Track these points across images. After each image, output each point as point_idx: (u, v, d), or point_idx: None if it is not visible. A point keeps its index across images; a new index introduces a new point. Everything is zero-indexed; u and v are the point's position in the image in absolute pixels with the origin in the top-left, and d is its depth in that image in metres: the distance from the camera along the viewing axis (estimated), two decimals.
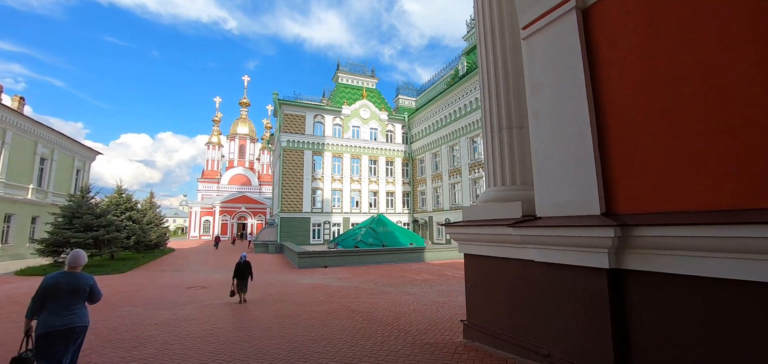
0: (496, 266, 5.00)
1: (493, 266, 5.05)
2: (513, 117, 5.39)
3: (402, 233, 28.71)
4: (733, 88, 2.84)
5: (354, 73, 42.82)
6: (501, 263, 4.91)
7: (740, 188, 2.77)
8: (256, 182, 74.52)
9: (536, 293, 4.38)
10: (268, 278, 16.41)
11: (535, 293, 4.40)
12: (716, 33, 2.98)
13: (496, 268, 5.02)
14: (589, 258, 3.71)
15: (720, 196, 2.89)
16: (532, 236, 4.22)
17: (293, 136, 35.55)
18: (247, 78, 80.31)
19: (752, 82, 2.73)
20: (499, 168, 5.36)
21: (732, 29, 2.88)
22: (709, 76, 3.00)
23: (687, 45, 3.16)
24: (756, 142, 2.69)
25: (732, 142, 2.84)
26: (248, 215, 63.94)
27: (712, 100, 2.98)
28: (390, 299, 10.78)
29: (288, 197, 34.83)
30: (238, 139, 76.40)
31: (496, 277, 5.02)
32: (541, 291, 4.30)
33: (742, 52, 2.80)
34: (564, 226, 3.83)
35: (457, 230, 5.68)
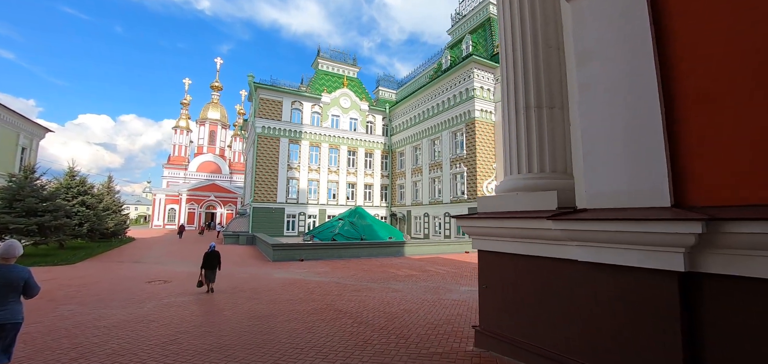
0: (522, 265, 4.27)
1: (518, 265, 4.32)
2: (543, 95, 4.66)
3: (381, 227, 27.96)
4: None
5: (335, 61, 41.33)
6: (528, 261, 4.18)
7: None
8: (227, 169, 71.22)
9: (576, 299, 3.67)
10: (240, 271, 15.13)
11: (574, 298, 3.70)
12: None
13: (521, 267, 4.29)
14: (656, 259, 3.03)
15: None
16: (578, 231, 3.50)
17: (269, 122, 33.76)
18: (219, 60, 76.26)
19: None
20: (525, 153, 4.62)
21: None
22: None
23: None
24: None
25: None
26: (218, 204, 60.97)
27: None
28: (376, 296, 9.95)
29: (262, 186, 33.11)
30: (208, 125, 72.56)
31: (521, 278, 4.29)
32: (583, 296, 3.60)
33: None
34: (624, 219, 3.12)
35: (472, 222, 4.91)
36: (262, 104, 33.79)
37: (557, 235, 3.71)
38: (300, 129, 35.47)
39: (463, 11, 38.41)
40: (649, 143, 3.19)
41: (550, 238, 3.83)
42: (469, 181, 28.02)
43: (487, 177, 27.74)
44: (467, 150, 28.52)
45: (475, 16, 36.42)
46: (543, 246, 3.96)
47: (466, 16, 37.49)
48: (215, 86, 74.53)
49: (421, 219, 34.09)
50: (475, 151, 27.61)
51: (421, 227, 34.10)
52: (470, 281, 13.00)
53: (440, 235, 30.93)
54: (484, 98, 28.60)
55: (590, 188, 3.59)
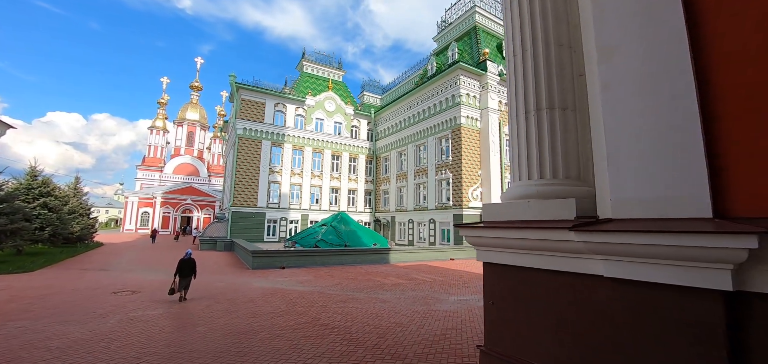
0: (536, 279, 3.87)
1: (531, 280, 3.93)
2: (555, 96, 4.32)
3: (365, 233, 27.37)
4: None
5: (320, 64, 40.69)
6: (544, 276, 3.79)
7: None
8: (205, 172, 68.97)
9: (600, 318, 3.30)
10: (217, 280, 14.24)
11: (598, 317, 3.32)
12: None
13: (535, 282, 3.89)
14: (698, 276, 2.68)
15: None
16: (605, 244, 3.13)
17: (251, 124, 32.70)
18: (199, 60, 74.02)
19: None
20: (536, 158, 4.26)
21: None
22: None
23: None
24: None
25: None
26: (194, 208, 58.76)
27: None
28: (363, 308, 9.42)
29: (242, 189, 31.95)
30: (186, 125, 70.19)
31: (535, 294, 3.89)
32: (608, 316, 3.23)
33: None
34: (662, 232, 2.76)
35: (478, 232, 4.50)
36: (244, 105, 32.74)
37: (579, 247, 3.34)
38: (283, 132, 34.55)
39: (449, 19, 38.66)
40: (685, 145, 2.86)
41: (571, 251, 3.46)
42: (455, 187, 27.89)
43: (473, 184, 27.70)
44: (453, 156, 28.43)
45: (460, 25, 36.68)
46: (562, 259, 3.58)
47: (452, 24, 37.73)
48: (195, 86, 72.30)
49: (406, 225, 33.73)
50: (461, 157, 27.54)
51: (405, 233, 33.73)
52: (459, 290, 12.65)
53: (425, 241, 30.63)
54: (470, 105, 28.64)
55: (615, 195, 3.24)
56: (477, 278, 16.04)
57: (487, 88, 28.76)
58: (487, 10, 35.62)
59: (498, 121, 28.94)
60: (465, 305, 9.98)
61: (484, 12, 35.36)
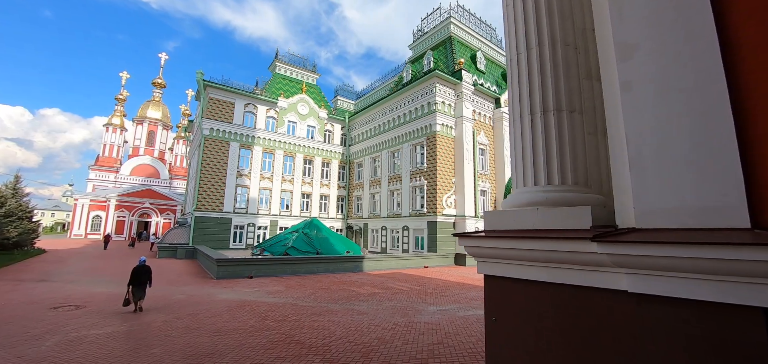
0: (548, 295, 3.53)
1: (541, 296, 3.58)
2: (563, 97, 4.07)
3: (337, 240, 26.64)
4: None
5: (294, 66, 39.59)
6: (557, 291, 3.46)
7: None
8: (167, 174, 65.02)
9: (622, 338, 2.99)
10: (176, 291, 13.03)
11: (619, 337, 3.01)
12: None
13: (546, 298, 3.55)
14: (736, 292, 2.42)
15: None
16: (631, 257, 2.82)
17: (218, 124, 31.04)
18: (164, 55, 69.87)
19: None
20: (543, 162, 3.97)
21: None
22: None
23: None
24: None
25: None
26: (153, 212, 55.06)
27: None
28: (341, 321, 8.82)
29: (206, 193, 30.14)
30: (147, 124, 65.97)
31: (545, 310, 3.55)
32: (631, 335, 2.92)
33: None
34: (698, 243, 2.48)
35: (479, 242, 4.12)
36: (212, 104, 31.07)
37: (601, 260, 3.02)
38: (253, 133, 33.12)
39: (425, 28, 39.02)
40: (718, 149, 2.62)
41: (590, 263, 3.14)
42: (429, 195, 27.84)
43: (447, 191, 27.78)
44: (428, 163, 28.42)
45: (436, 34, 37.10)
46: (578, 273, 3.25)
47: (428, 33, 38.10)
48: (158, 83, 68.31)
49: (379, 232, 33.26)
50: (436, 165, 27.57)
51: (378, 240, 33.23)
52: (437, 300, 12.34)
53: (398, 249, 30.29)
54: (446, 113, 28.83)
55: (640, 204, 2.96)
56: (453, 286, 15.85)
57: (461, 97, 29.11)
58: (462, 21, 36.27)
59: (472, 130, 29.32)
60: (446, 316, 9.64)
61: (459, 23, 36.00)
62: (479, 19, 38.95)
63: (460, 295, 13.52)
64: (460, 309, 10.80)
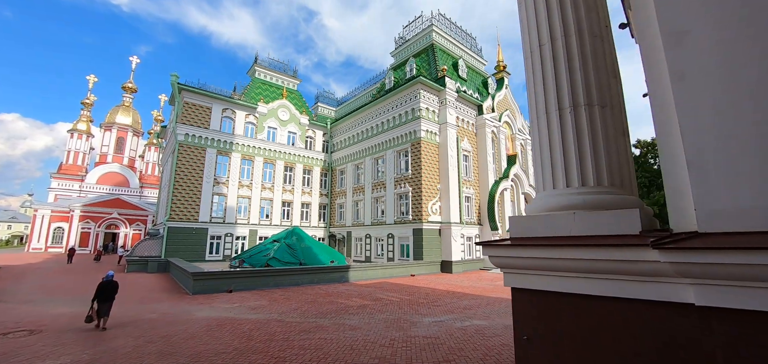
0: (592, 310, 3.12)
1: (585, 311, 3.17)
2: (594, 91, 3.73)
3: (321, 249, 25.78)
4: None
5: (274, 71, 38.58)
6: (605, 306, 3.04)
7: None
8: (137, 183, 61.82)
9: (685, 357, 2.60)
10: (148, 310, 11.94)
11: (682, 356, 2.62)
12: None
13: (589, 313, 3.13)
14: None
15: None
16: (699, 265, 2.45)
17: (194, 129, 29.61)
18: (135, 59, 66.76)
19: None
20: (576, 162, 3.60)
21: None
22: None
23: None
24: None
25: None
26: (122, 223, 52.02)
27: None
28: (333, 338, 8.17)
29: (181, 202, 28.57)
30: (116, 130, 62.62)
31: (588, 328, 3.13)
32: (699, 354, 2.54)
33: None
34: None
35: (506, 251, 3.68)
36: (187, 109, 29.64)
37: (662, 269, 2.64)
38: (231, 140, 31.84)
39: (407, 36, 39.03)
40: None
41: (647, 273, 2.75)
42: (414, 201, 27.51)
43: (432, 198, 27.55)
44: (412, 170, 28.13)
45: (418, 42, 37.15)
46: (632, 285, 2.86)
47: (409, 41, 38.12)
48: (128, 87, 65.18)
49: (363, 241, 32.58)
50: (421, 171, 27.31)
51: (362, 249, 32.53)
52: (430, 311, 11.87)
53: (383, 257, 29.72)
54: (430, 119, 28.72)
55: (702, 206, 2.60)
56: (443, 295, 15.44)
57: (445, 104, 29.11)
58: (443, 30, 36.51)
59: (455, 136, 29.33)
60: (443, 329, 9.17)
61: (441, 32, 36.21)
62: (460, 27, 39.39)
63: (452, 304, 13.11)
64: (455, 320, 10.36)
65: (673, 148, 2.95)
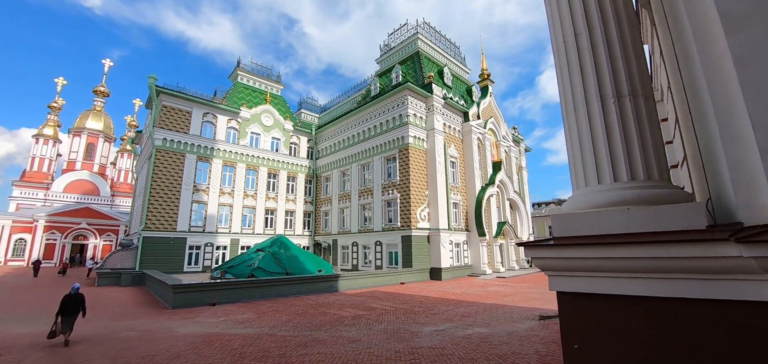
0: (661, 313, 2.80)
1: (650, 315, 2.84)
2: (637, 81, 3.49)
3: (308, 258, 24.96)
4: None
5: (257, 75, 37.62)
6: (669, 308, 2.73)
7: None
8: (108, 191, 58.77)
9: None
10: (124, 328, 10.97)
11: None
12: None
13: (659, 317, 2.81)
14: None
15: None
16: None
17: (173, 134, 28.29)
18: (108, 62, 63.74)
19: None
20: (623, 154, 3.34)
21: None
22: None
23: None
24: None
25: None
26: (91, 234, 49.13)
27: None
28: (334, 353, 7.63)
29: (157, 210, 27.11)
30: (86, 136, 59.44)
31: (659, 333, 2.80)
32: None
33: None
34: None
35: (551, 252, 3.34)
36: (166, 113, 28.33)
37: (744, 266, 2.37)
38: (212, 145, 30.65)
39: (392, 44, 39.07)
40: None
41: (726, 271, 2.48)
42: (403, 208, 27.18)
43: (421, 204, 27.31)
44: (400, 176, 27.84)
45: (403, 49, 37.21)
46: (707, 284, 2.56)
47: (395, 48, 38.14)
48: (100, 91, 62.18)
49: (350, 249, 31.92)
50: (409, 177, 27.07)
51: (349, 257, 31.85)
52: (428, 319, 11.48)
53: (371, 265, 29.15)
54: (417, 125, 28.61)
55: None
56: (437, 302, 15.08)
57: (433, 110, 29.10)
58: (428, 38, 36.75)
59: (443, 143, 29.33)
60: (447, 338, 8.79)
61: (426, 40, 36.43)
62: (444, 36, 39.80)
63: (449, 312, 12.76)
64: (456, 328, 10.01)
65: (735, 138, 2.70)
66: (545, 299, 15.72)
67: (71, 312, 8.87)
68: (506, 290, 19.11)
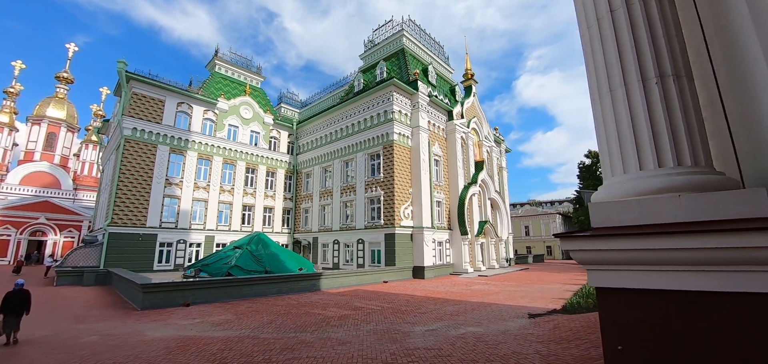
0: (722, 310, 2.48)
1: (708, 312, 2.52)
2: (679, 60, 3.19)
3: (288, 256, 24.14)
4: None
5: (236, 66, 36.14)
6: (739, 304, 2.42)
7: None
8: (70, 184, 54.99)
9: None
10: (87, 330, 9.97)
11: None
12: None
13: (719, 314, 2.50)
14: None
15: None
16: None
17: (144, 123, 26.58)
18: (73, 46, 59.41)
19: None
20: (669, 138, 3.04)
21: None
22: None
23: None
24: None
25: None
26: (50, 230, 45.85)
27: None
28: (324, 357, 7.09)
29: (125, 204, 25.41)
30: (46, 124, 55.32)
31: (717, 331, 2.49)
32: None
33: None
34: None
35: (593, 244, 3.00)
36: (136, 101, 26.59)
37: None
38: (187, 137, 29.10)
39: (376, 40, 38.55)
40: None
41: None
42: (386, 205, 26.78)
43: (405, 202, 26.99)
44: (385, 173, 27.41)
45: (388, 46, 36.78)
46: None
47: (379, 45, 37.65)
48: (63, 77, 58.04)
49: (331, 247, 31.21)
50: (393, 174, 26.69)
51: (330, 255, 31.14)
52: (418, 319, 11.11)
53: (352, 264, 28.58)
54: (402, 122, 28.27)
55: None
56: (424, 301, 14.77)
57: (418, 108, 28.85)
58: (413, 35, 36.49)
59: (427, 141, 29.15)
60: (441, 338, 8.44)
61: (411, 38, 36.15)
62: (429, 35, 39.68)
63: (438, 311, 12.46)
64: (448, 328, 9.69)
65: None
66: (530, 297, 15.74)
67: (15, 311, 8.42)
68: (490, 289, 19.07)
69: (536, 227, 67.55)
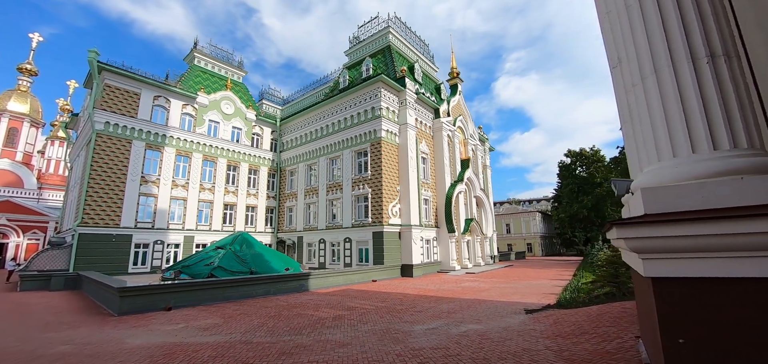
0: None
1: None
2: (728, 41, 3.05)
3: (273, 256, 23.34)
4: None
5: (217, 59, 34.79)
6: None
7: None
8: (34, 183, 51.66)
9: None
10: (58, 339, 9.13)
11: None
12: None
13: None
14: None
15: None
16: None
17: (117, 117, 25.09)
18: (37, 36, 55.65)
19: None
20: (723, 119, 2.86)
21: None
22: None
23: None
24: None
25: None
26: (12, 231, 42.87)
27: None
28: (327, 360, 6.69)
29: (97, 203, 23.92)
30: (7, 119, 51.69)
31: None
32: None
33: None
34: None
35: (648, 232, 2.78)
36: (109, 93, 25.07)
37: None
38: (164, 132, 27.73)
39: (362, 36, 38.08)
40: None
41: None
42: (374, 203, 26.42)
43: (393, 199, 26.72)
44: (372, 171, 27.04)
45: (373, 43, 36.38)
46: None
47: (365, 41, 37.21)
48: (26, 69, 54.40)
49: (316, 246, 30.57)
50: (381, 172, 26.35)
51: (316, 254, 30.49)
52: (415, 317, 10.85)
53: (339, 263, 28.07)
54: (390, 119, 27.97)
55: None
56: (417, 299, 14.53)
57: (405, 105, 28.63)
58: (399, 33, 36.25)
59: (415, 138, 28.99)
60: (444, 336, 8.19)
61: (397, 35, 35.90)
62: (414, 33, 39.56)
63: (434, 309, 12.24)
64: (449, 326, 9.46)
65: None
66: (521, 293, 15.79)
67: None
68: (480, 286, 19.07)
69: (517, 224, 68.91)
